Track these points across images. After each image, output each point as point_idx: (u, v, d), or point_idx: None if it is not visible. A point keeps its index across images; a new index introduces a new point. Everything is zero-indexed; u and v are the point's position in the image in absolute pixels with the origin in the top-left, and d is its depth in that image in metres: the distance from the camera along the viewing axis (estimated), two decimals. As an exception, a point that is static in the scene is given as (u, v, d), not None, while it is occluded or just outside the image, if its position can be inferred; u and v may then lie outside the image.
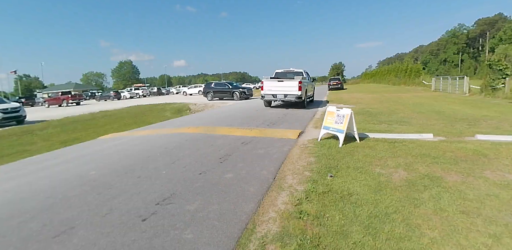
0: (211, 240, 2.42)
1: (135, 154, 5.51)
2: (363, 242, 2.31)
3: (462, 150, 4.83)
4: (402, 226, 2.53)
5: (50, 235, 2.63)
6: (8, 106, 14.26)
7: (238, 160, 4.79)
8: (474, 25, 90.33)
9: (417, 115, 9.28)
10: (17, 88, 73.28)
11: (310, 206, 2.99)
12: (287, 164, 4.50)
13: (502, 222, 2.54)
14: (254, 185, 3.63)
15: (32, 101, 42.91)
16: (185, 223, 2.73)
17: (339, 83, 34.83)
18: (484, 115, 8.89)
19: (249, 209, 2.98)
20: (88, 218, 2.95)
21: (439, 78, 24.37)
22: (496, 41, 72.82)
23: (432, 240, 2.31)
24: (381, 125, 7.58)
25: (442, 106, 11.81)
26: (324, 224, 2.62)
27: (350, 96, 20.19)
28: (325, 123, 5.91)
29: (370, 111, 10.87)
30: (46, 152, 6.44)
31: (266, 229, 2.58)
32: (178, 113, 13.59)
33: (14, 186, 4.09)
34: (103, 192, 3.62)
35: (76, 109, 24.22)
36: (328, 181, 3.66)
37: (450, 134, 6.12)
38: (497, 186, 3.33)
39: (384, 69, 52.79)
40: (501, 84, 15.36)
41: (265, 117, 10.02)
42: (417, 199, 3.07)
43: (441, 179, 3.58)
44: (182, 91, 43.65)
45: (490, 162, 4.17)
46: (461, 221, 2.59)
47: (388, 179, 3.65)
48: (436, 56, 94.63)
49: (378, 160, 4.44)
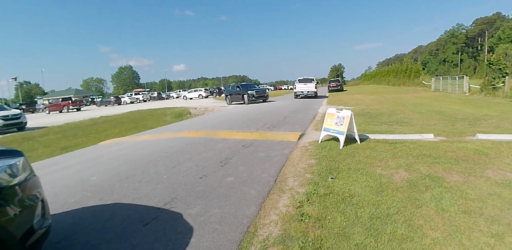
0: (213, 244, 2.42)
1: (136, 159, 5.52)
2: (365, 243, 2.31)
3: (463, 149, 4.82)
4: (404, 227, 2.52)
5: (52, 241, 2.62)
6: (9, 113, 14.32)
7: (239, 163, 4.79)
8: (472, 25, 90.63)
9: (417, 116, 9.28)
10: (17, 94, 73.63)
11: (311, 208, 2.98)
12: (288, 166, 4.50)
13: (504, 222, 2.52)
14: (255, 188, 3.63)
15: (33, 108, 43.07)
16: (186, 227, 2.73)
17: (339, 84, 34.76)
18: (484, 114, 8.88)
19: (251, 212, 2.97)
20: (89, 223, 2.95)
21: (439, 78, 24.38)
22: (495, 40, 73.05)
23: (434, 240, 2.30)
24: (382, 126, 7.58)
25: (442, 106, 11.81)
26: (326, 226, 2.61)
27: (350, 98, 20.21)
28: (325, 125, 5.91)
29: (370, 112, 10.87)
30: (47, 159, 6.45)
31: (268, 232, 2.58)
32: (178, 118, 13.60)
33: None
34: (104, 198, 3.62)
35: (76, 115, 24.28)
36: (329, 183, 3.66)
37: (451, 134, 6.11)
38: (499, 185, 3.32)
39: (384, 70, 52.89)
40: (501, 83, 15.36)
41: (265, 120, 10.02)
42: (419, 199, 3.06)
43: (443, 179, 3.57)
44: (182, 95, 43.81)
45: (491, 162, 4.16)
46: (463, 221, 2.58)
47: (389, 180, 3.64)
48: (435, 56, 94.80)
49: (379, 161, 4.44)
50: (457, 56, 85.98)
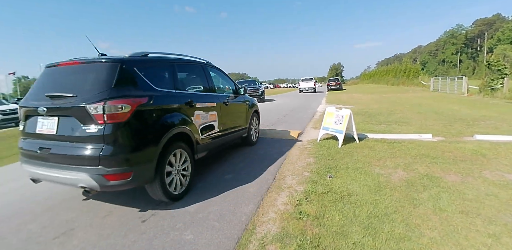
0: (211, 241, 2.42)
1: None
2: (363, 242, 2.32)
3: (461, 150, 4.84)
4: (401, 226, 2.54)
5: (50, 237, 2.62)
6: (7, 108, 14.21)
7: (238, 160, 4.80)
8: (472, 26, 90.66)
9: (416, 116, 9.30)
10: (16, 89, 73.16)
11: (309, 207, 2.99)
12: (287, 164, 4.51)
13: (501, 222, 2.54)
14: (253, 186, 3.64)
15: (31, 103, 42.74)
16: (185, 224, 2.73)
17: (338, 83, 34.69)
18: (482, 115, 8.91)
19: (249, 210, 2.98)
20: (87, 219, 2.95)
21: (438, 78, 24.45)
22: (494, 41, 73.15)
23: (432, 240, 2.31)
24: (380, 125, 7.60)
25: (441, 106, 11.84)
26: (324, 225, 2.62)
27: (349, 97, 20.24)
28: (325, 123, 5.92)
29: (369, 111, 10.89)
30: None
31: (266, 230, 2.59)
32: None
33: (13, 187, 4.08)
34: (102, 193, 3.61)
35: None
36: (328, 181, 3.67)
37: (449, 134, 6.14)
38: (496, 186, 3.34)
39: (383, 69, 52.87)
40: (500, 84, 15.41)
41: (264, 118, 10.02)
42: (417, 199, 3.07)
43: (440, 179, 3.59)
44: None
45: (489, 162, 4.19)
46: (461, 221, 2.59)
47: (388, 180, 3.65)
48: (435, 56, 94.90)
49: (377, 161, 4.45)
50: (456, 57, 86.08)
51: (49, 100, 2.87)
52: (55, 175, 2.80)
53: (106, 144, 2.63)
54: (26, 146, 3.07)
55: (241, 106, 5.34)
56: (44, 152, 2.84)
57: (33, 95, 3.17)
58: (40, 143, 2.94)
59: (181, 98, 3.52)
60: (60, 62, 3.16)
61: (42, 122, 2.95)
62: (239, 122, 5.12)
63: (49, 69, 3.22)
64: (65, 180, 2.78)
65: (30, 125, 3.06)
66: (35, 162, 2.95)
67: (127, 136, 2.73)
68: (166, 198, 3.12)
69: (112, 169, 2.63)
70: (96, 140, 2.64)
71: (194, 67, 4.41)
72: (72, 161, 2.69)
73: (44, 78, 3.25)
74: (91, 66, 3.00)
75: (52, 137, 2.86)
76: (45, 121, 2.92)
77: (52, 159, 2.80)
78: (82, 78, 2.96)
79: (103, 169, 2.61)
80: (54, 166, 2.79)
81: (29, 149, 3.01)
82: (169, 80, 3.56)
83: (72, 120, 2.73)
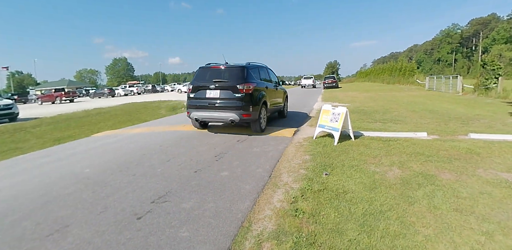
0: (207, 238, 2.42)
1: (130, 152, 5.47)
2: (358, 239, 2.33)
3: (455, 148, 4.88)
4: (396, 223, 2.56)
5: (44, 234, 2.60)
6: (0, 103, 14.04)
7: (234, 158, 4.79)
8: (467, 25, 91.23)
9: (411, 114, 9.36)
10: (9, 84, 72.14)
11: (305, 204, 3.00)
12: (283, 162, 4.51)
13: (495, 220, 2.57)
14: (249, 183, 3.64)
15: (25, 98, 42.18)
16: (180, 221, 2.72)
17: (334, 81, 34.75)
18: (477, 114, 9.00)
19: (245, 207, 2.98)
20: (82, 216, 2.93)
21: (433, 77, 24.59)
22: (489, 41, 73.78)
23: (426, 237, 2.34)
24: (376, 123, 7.63)
25: (435, 105, 11.93)
26: (320, 222, 2.63)
27: (344, 95, 20.29)
28: (320, 121, 5.93)
29: (364, 109, 10.94)
30: (39, 150, 6.35)
31: (262, 227, 2.59)
32: (173, 111, 13.48)
33: (7, 184, 4.03)
34: (98, 190, 3.59)
35: (69, 106, 23.94)
36: (323, 179, 3.68)
37: (444, 132, 6.19)
38: (490, 184, 3.38)
39: (379, 68, 53.06)
40: (494, 84, 15.55)
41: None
42: (411, 197, 3.10)
43: (435, 177, 3.62)
44: (177, 88, 43.39)
45: (483, 161, 4.23)
46: (455, 218, 2.62)
47: (383, 177, 3.68)
48: (430, 55, 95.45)
49: (372, 158, 4.47)
50: (451, 56, 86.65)
51: (213, 83, 6.33)
52: (216, 115, 6.36)
53: (242, 101, 6.17)
54: (197, 103, 6.51)
55: (281, 92, 9.02)
56: (211, 105, 6.33)
57: (199, 80, 6.61)
58: (207, 101, 6.38)
59: (263, 85, 7.16)
60: (210, 65, 6.84)
61: (209, 92, 6.39)
62: (280, 101, 8.72)
63: (202, 69, 6.83)
64: (222, 117, 6.33)
65: (201, 94, 6.49)
66: (203, 110, 6.43)
67: (250, 99, 6.26)
68: (260, 130, 6.65)
69: (245, 112, 6.17)
70: (239, 99, 6.18)
71: (264, 68, 8.04)
72: (228, 108, 6.23)
73: (201, 72, 6.77)
74: (232, 68, 6.61)
75: (216, 98, 6.33)
76: (212, 91, 6.37)
77: (216, 108, 6.32)
78: (229, 74, 6.54)
79: (241, 111, 6.16)
80: (216, 111, 6.33)
81: (200, 104, 6.47)
82: (258, 76, 7.12)
83: (228, 92, 6.26)
